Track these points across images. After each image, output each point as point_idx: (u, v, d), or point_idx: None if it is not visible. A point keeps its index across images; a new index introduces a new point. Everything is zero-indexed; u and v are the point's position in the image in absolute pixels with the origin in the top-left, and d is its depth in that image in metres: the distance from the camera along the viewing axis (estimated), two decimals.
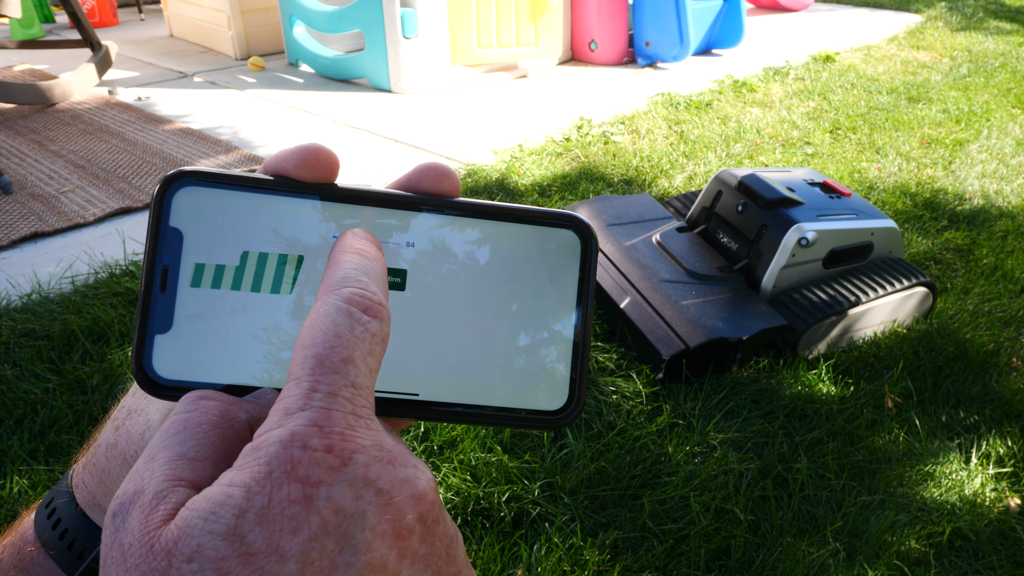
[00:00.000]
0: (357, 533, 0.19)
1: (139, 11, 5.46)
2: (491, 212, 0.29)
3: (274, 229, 0.27)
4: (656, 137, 3.04)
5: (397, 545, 0.20)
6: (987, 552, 1.30)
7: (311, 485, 0.19)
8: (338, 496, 0.19)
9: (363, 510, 0.19)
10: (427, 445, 1.42)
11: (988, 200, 2.59)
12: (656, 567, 1.23)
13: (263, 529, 0.18)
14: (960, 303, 1.95)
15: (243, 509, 0.19)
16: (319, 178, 0.28)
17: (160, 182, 0.27)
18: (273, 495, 0.19)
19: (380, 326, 0.22)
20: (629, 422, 1.51)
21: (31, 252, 2.08)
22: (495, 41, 3.75)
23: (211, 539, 0.18)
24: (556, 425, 0.29)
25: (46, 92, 3.21)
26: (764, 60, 4.29)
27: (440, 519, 0.22)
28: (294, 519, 0.19)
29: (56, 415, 1.45)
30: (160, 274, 0.27)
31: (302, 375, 0.21)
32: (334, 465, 0.19)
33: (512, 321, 0.29)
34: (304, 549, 0.19)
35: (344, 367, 0.21)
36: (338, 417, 0.20)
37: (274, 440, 0.20)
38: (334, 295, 0.22)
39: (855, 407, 1.58)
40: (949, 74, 4.18)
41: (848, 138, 3.15)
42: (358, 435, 0.20)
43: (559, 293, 0.29)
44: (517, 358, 0.29)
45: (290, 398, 0.20)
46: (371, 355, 0.22)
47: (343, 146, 2.94)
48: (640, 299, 1.69)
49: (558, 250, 0.29)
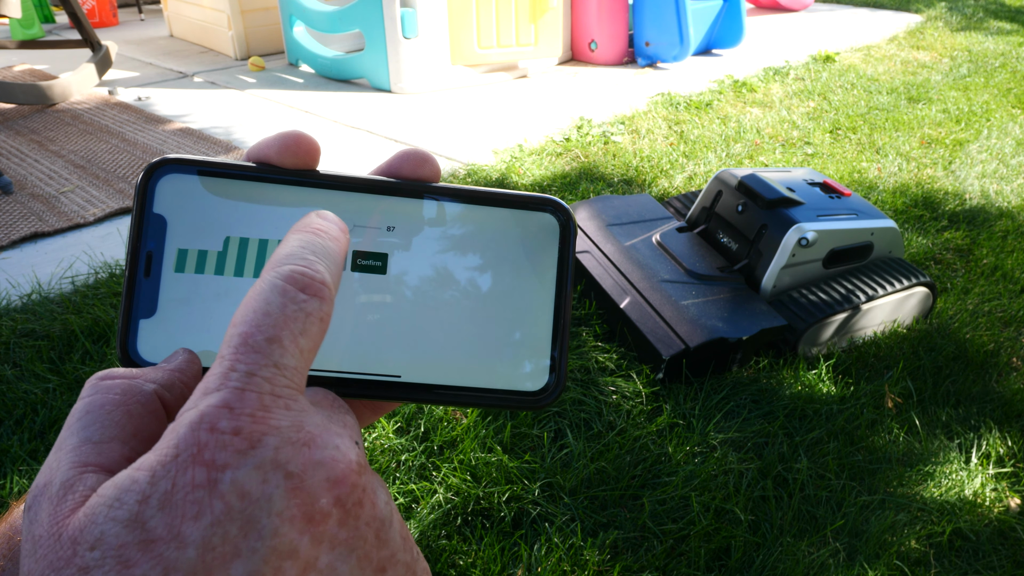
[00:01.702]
0: (263, 518, 0.19)
1: (139, 11, 5.46)
2: (470, 196, 0.29)
3: (256, 215, 0.28)
4: (656, 137, 3.04)
5: (309, 530, 0.19)
6: (987, 552, 1.30)
7: (216, 469, 0.19)
8: (243, 480, 0.19)
9: (270, 494, 0.19)
10: (427, 445, 1.42)
11: (988, 200, 2.59)
12: (656, 567, 1.23)
13: (164, 515, 0.18)
14: (960, 303, 1.95)
15: (146, 495, 0.18)
16: (300, 164, 0.28)
17: (144, 170, 0.27)
18: (177, 479, 0.18)
19: (319, 305, 0.21)
20: (629, 422, 1.51)
21: (31, 252, 2.08)
22: (495, 41, 3.75)
23: (113, 526, 0.18)
24: (538, 406, 0.29)
25: (46, 92, 3.21)
26: (764, 60, 4.29)
27: (364, 502, 0.21)
28: (196, 504, 0.18)
29: (56, 415, 1.45)
30: (144, 260, 0.27)
31: (226, 354, 0.20)
32: (241, 448, 0.19)
33: (493, 303, 0.29)
34: (206, 535, 0.18)
35: (268, 346, 0.20)
36: (251, 398, 0.19)
37: (185, 422, 0.19)
38: (272, 272, 0.21)
39: (855, 407, 1.58)
40: (949, 74, 4.18)
41: (848, 138, 3.15)
42: (272, 416, 0.20)
43: (539, 275, 0.30)
44: (498, 339, 0.29)
45: (210, 377, 0.20)
46: (303, 335, 0.21)
47: (343, 146, 2.94)
48: (640, 299, 1.69)
49: (537, 233, 0.30)
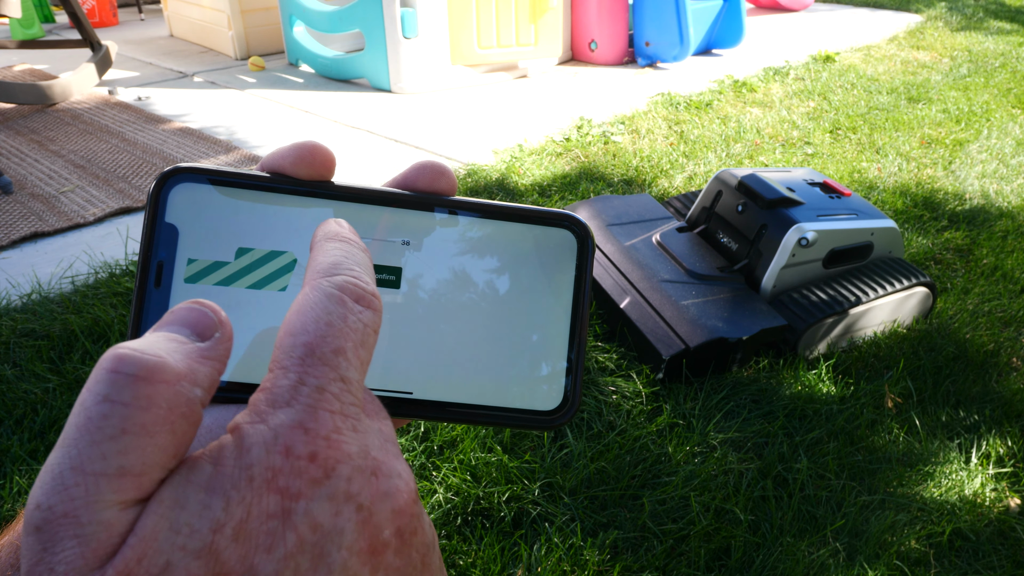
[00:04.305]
0: (333, 552, 0.18)
1: (139, 11, 5.46)
2: (488, 211, 0.29)
3: (269, 226, 0.27)
4: (656, 137, 3.04)
5: (371, 561, 0.19)
6: (987, 552, 1.30)
7: (290, 498, 0.18)
8: (316, 512, 0.18)
9: (341, 527, 0.18)
10: (427, 445, 1.42)
11: (988, 200, 2.59)
12: (656, 567, 1.23)
13: (239, 546, 0.17)
14: (960, 303, 1.95)
15: (221, 523, 0.17)
16: (315, 176, 0.27)
17: (156, 178, 0.27)
18: (252, 508, 0.18)
19: (373, 317, 0.21)
20: (629, 422, 1.51)
21: (31, 252, 2.08)
22: (495, 41, 3.75)
23: (183, 557, 0.17)
24: (551, 426, 0.29)
25: (46, 92, 3.21)
26: (764, 60, 4.29)
27: (417, 530, 0.21)
28: (270, 535, 0.18)
29: (56, 415, 1.45)
30: (155, 270, 0.27)
31: (289, 364, 0.19)
32: (316, 477, 0.18)
33: (507, 320, 0.29)
34: (278, 568, 0.17)
35: (335, 359, 0.19)
36: (325, 418, 0.19)
37: (258, 441, 0.18)
38: (325, 281, 0.21)
39: (855, 407, 1.58)
40: (949, 74, 4.18)
41: (848, 138, 3.15)
42: (344, 440, 0.19)
43: (555, 293, 0.29)
44: (512, 358, 0.29)
45: (276, 388, 0.19)
46: (363, 347, 0.20)
47: (343, 146, 2.94)
48: (640, 299, 1.69)
49: (554, 250, 0.29)
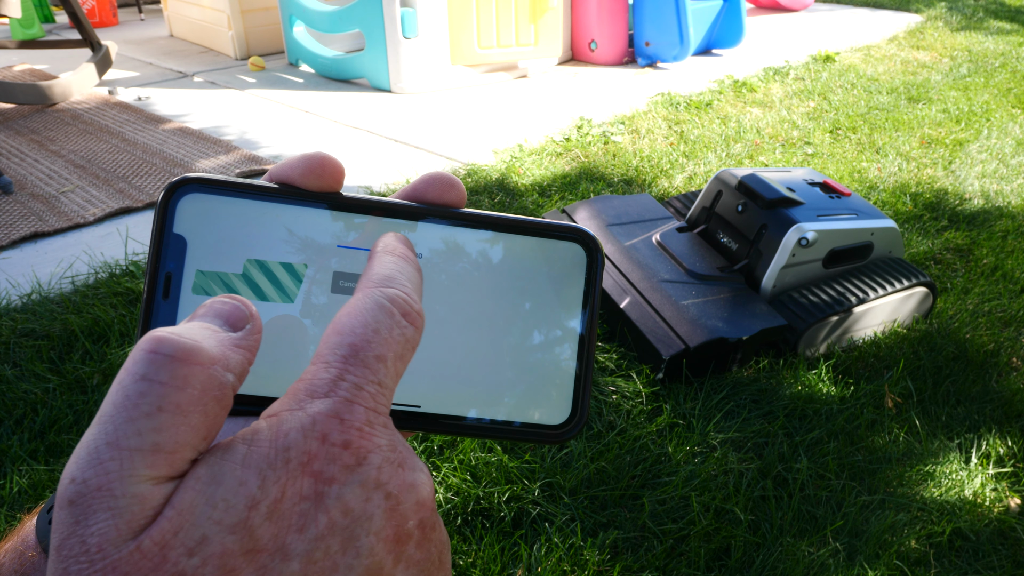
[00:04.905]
0: (362, 536, 0.19)
1: (139, 11, 5.46)
2: (497, 224, 0.29)
3: (278, 238, 0.27)
4: (656, 137, 3.04)
5: (395, 550, 0.20)
6: (987, 552, 1.30)
7: (324, 482, 0.19)
8: (348, 497, 0.19)
9: (371, 513, 0.19)
10: (427, 445, 1.43)
11: (988, 200, 2.59)
12: (656, 567, 1.23)
13: (272, 524, 0.18)
14: (960, 303, 1.95)
15: (256, 500, 0.18)
16: (324, 187, 0.27)
17: (165, 189, 0.27)
18: (287, 488, 0.18)
19: (415, 334, 0.22)
20: (629, 422, 1.51)
21: (31, 252, 2.08)
22: (495, 41, 3.75)
23: (219, 531, 0.17)
24: (558, 440, 0.29)
25: (46, 92, 3.21)
26: (764, 60, 4.29)
27: (436, 525, 0.22)
28: (303, 516, 0.18)
29: (56, 415, 1.45)
30: (163, 281, 0.26)
31: (333, 360, 0.20)
32: (349, 463, 0.19)
33: (516, 334, 0.29)
34: (309, 549, 0.18)
35: (376, 363, 0.21)
36: (359, 412, 0.20)
37: (295, 426, 0.19)
38: (378, 291, 0.22)
39: (855, 407, 1.58)
40: (949, 74, 4.18)
41: (848, 138, 3.15)
42: (375, 433, 0.20)
43: (564, 307, 0.29)
44: (520, 372, 0.29)
45: (316, 380, 0.20)
46: (401, 360, 0.22)
47: (343, 146, 2.94)
48: (640, 299, 1.69)
49: (564, 264, 0.29)
